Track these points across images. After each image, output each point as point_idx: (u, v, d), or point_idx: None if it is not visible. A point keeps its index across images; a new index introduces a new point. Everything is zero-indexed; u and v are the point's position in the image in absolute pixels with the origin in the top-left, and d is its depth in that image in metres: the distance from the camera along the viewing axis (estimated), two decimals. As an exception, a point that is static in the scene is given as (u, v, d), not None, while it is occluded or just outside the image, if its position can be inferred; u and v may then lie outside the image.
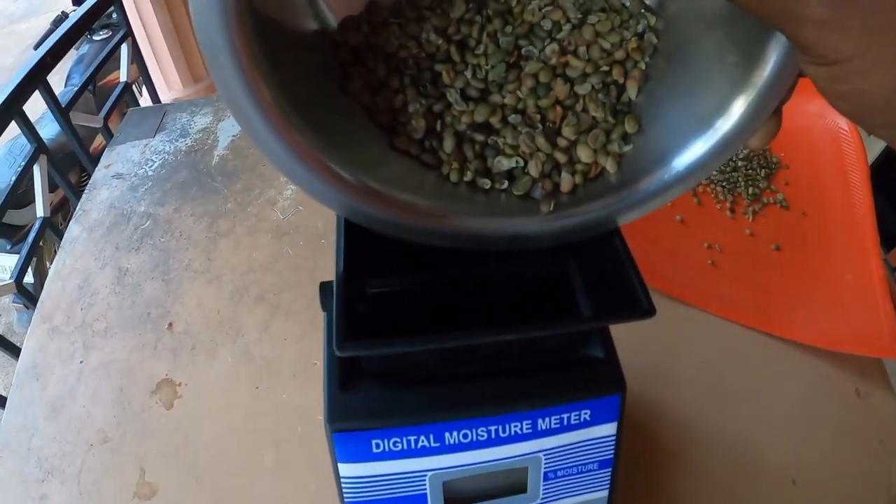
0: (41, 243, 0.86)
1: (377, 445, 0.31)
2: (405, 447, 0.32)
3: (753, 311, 0.56)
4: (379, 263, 0.33)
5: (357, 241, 0.30)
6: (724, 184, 0.68)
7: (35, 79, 0.77)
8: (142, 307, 0.58)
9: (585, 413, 0.33)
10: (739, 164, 0.70)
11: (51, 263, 1.41)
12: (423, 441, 0.32)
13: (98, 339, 0.56)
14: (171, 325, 0.57)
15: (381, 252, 0.32)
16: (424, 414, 0.32)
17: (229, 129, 0.77)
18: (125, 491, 0.47)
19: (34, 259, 1.28)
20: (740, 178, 0.69)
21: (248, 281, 0.60)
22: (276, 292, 0.59)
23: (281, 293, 0.59)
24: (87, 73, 0.96)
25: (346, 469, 0.32)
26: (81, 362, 0.55)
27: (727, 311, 0.56)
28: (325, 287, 0.34)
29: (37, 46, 1.39)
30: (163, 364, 0.54)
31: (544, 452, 0.33)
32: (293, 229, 0.64)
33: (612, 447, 0.34)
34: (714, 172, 0.69)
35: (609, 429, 0.33)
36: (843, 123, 0.70)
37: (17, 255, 0.80)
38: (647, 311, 0.29)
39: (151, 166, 0.73)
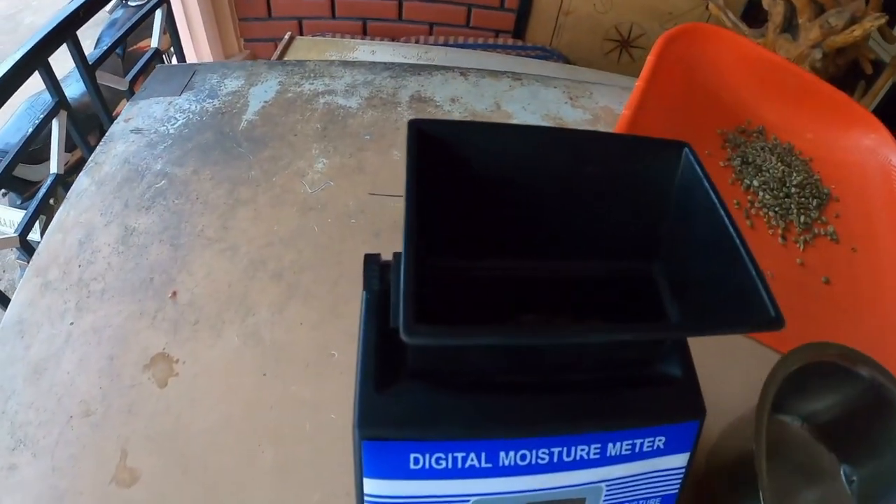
0: (52, 202, 0.83)
1: (416, 461, 0.25)
2: (449, 465, 0.26)
3: (802, 344, 0.51)
4: (440, 245, 0.27)
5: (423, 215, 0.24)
6: (776, 209, 0.65)
7: (65, 32, 0.74)
8: (145, 271, 0.53)
9: (660, 440, 0.28)
10: (793, 190, 0.66)
11: (59, 223, 1.37)
12: (471, 460, 0.26)
13: (93, 300, 0.51)
14: (174, 294, 0.51)
15: (445, 233, 0.26)
16: (478, 427, 0.26)
17: (261, 94, 0.72)
18: (103, 473, 0.41)
19: (43, 217, 1.24)
20: (793, 206, 0.65)
21: (265, 255, 0.54)
22: (295, 271, 0.53)
23: (301, 272, 0.53)
24: (118, 35, 0.93)
25: (372, 486, 0.26)
26: (72, 324, 0.49)
27: (774, 340, 0.52)
28: (371, 260, 0.28)
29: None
30: (161, 336, 0.48)
31: (607, 483, 0.28)
32: (321, 205, 0.58)
33: (679, 481, 0.30)
34: (767, 197, 0.66)
35: (680, 460, 0.29)
36: (895, 160, 0.69)
37: (26, 211, 0.77)
38: (776, 319, 0.23)
39: (174, 124, 0.67)
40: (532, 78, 0.79)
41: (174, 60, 1.24)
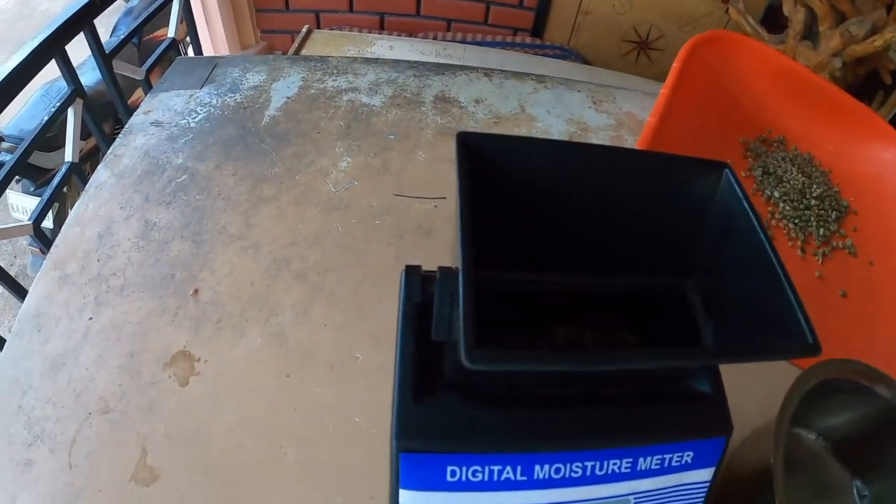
0: (66, 189, 0.83)
1: (452, 473, 0.25)
2: (485, 478, 0.26)
3: (820, 359, 0.51)
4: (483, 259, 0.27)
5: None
6: (796, 221, 0.64)
7: (82, 20, 0.74)
8: (166, 267, 0.52)
9: (688, 455, 0.29)
10: (813, 202, 0.66)
11: (72, 212, 1.38)
12: (507, 473, 0.26)
13: (112, 295, 0.50)
14: (196, 291, 0.51)
15: (480, 243, 0.26)
16: (516, 441, 0.25)
17: (283, 89, 0.71)
18: (122, 472, 0.41)
19: (56, 205, 1.24)
20: (812, 218, 0.65)
21: (288, 255, 0.53)
22: (319, 272, 0.52)
23: (325, 273, 0.52)
24: (135, 24, 0.92)
25: (408, 497, 0.25)
26: (91, 319, 0.49)
27: None
28: (413, 272, 0.27)
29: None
30: (182, 334, 0.48)
31: (635, 496, 0.28)
32: (345, 205, 0.58)
33: (704, 494, 0.30)
34: (788, 208, 0.65)
35: (705, 474, 0.29)
36: (917, 175, 0.69)
37: (40, 198, 0.77)
38: (813, 346, 0.23)
39: (195, 118, 0.67)
40: (556, 81, 0.78)
41: (190, 50, 1.23)
